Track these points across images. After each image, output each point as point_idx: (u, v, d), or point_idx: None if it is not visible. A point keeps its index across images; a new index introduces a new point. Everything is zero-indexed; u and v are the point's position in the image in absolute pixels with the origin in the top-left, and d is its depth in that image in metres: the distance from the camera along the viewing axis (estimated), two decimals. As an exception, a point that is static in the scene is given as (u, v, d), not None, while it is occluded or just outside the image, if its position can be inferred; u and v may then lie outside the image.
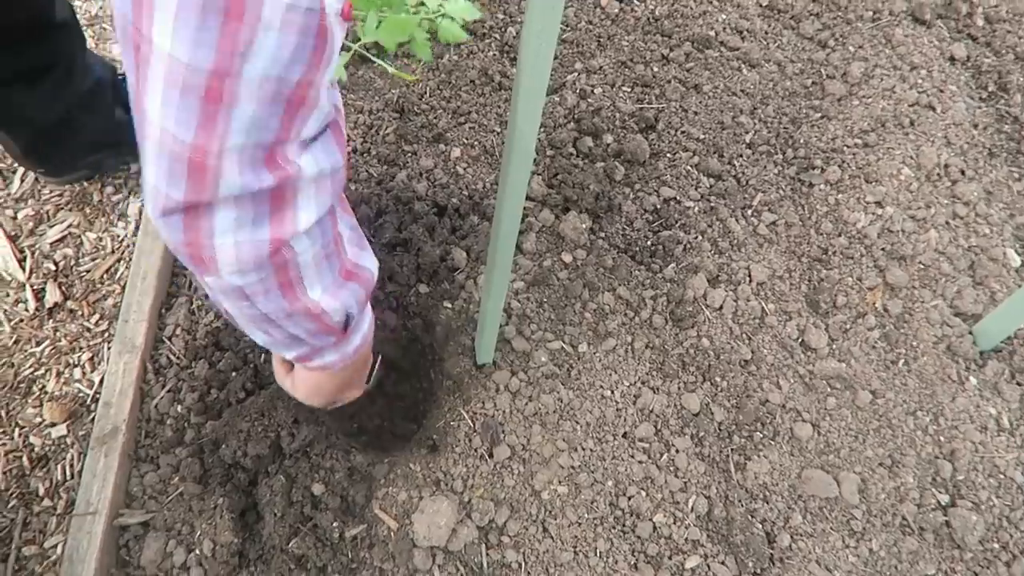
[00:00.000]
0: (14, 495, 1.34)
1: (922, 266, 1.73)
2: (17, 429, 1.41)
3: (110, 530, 1.28)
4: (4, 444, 1.39)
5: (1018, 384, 1.62)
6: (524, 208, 1.71)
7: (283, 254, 0.70)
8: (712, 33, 2.11)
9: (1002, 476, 1.50)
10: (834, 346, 1.62)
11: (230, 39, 0.55)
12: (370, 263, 0.86)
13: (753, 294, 1.66)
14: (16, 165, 1.70)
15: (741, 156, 1.89)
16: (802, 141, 1.92)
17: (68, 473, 1.37)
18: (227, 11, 0.53)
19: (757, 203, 1.81)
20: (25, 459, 1.37)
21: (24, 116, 1.46)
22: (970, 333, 1.65)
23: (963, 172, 1.88)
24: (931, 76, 2.05)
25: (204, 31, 0.54)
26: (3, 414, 1.42)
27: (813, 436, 1.50)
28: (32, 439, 1.40)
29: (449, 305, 1.55)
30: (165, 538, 1.29)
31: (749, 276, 1.68)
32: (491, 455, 1.40)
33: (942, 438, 1.53)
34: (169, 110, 0.58)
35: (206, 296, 1.48)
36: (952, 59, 2.12)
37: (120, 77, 1.63)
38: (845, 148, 1.91)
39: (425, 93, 1.90)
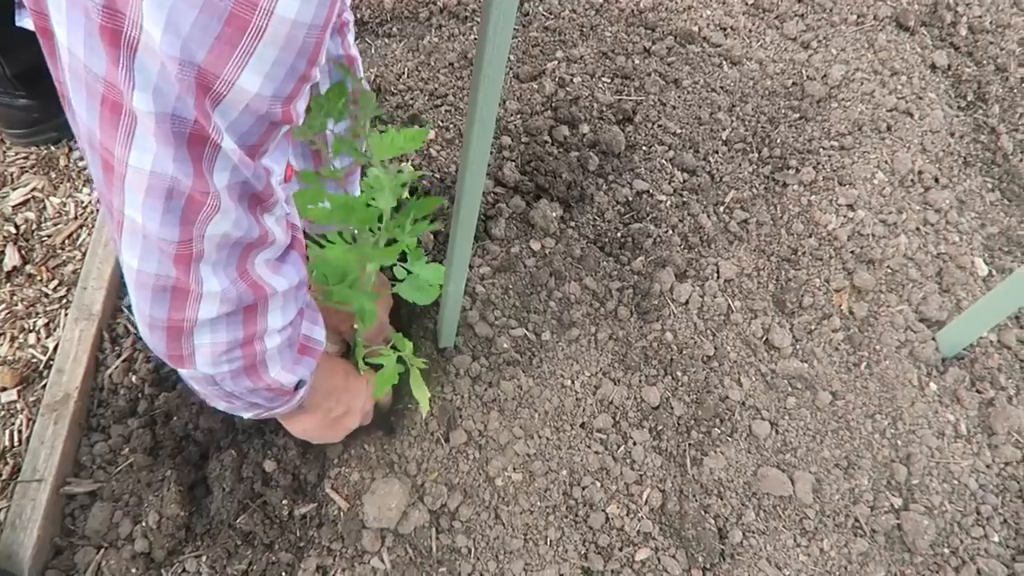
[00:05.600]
0: (-41, 459, 1.32)
1: (890, 271, 1.74)
2: (-34, 393, 1.39)
3: (55, 498, 1.26)
4: (-48, 407, 1.37)
5: (978, 392, 1.63)
6: (495, 194, 1.71)
7: (254, 346, 0.81)
8: (695, 28, 2.11)
9: (956, 482, 1.51)
10: (798, 346, 1.62)
11: (190, 219, 0.65)
12: (320, 335, 0.96)
13: (720, 291, 1.66)
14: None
15: (716, 153, 1.89)
16: (778, 141, 1.92)
17: (16, 439, 1.35)
18: (189, 199, 0.63)
19: (729, 200, 1.81)
20: (-27, 423, 1.35)
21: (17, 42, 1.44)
22: (933, 339, 1.66)
23: (937, 180, 1.89)
24: (911, 83, 2.05)
25: (169, 213, 0.64)
26: (-46, 377, 1.40)
27: (771, 434, 1.50)
28: (-19, 403, 1.38)
29: (414, 287, 1.53)
30: (112, 508, 1.28)
31: (717, 272, 1.68)
32: (447, 439, 1.39)
33: (899, 442, 1.54)
34: (148, 257, 0.68)
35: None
36: (933, 67, 2.12)
37: None
38: (821, 150, 1.91)
39: (403, 73, 1.88)
